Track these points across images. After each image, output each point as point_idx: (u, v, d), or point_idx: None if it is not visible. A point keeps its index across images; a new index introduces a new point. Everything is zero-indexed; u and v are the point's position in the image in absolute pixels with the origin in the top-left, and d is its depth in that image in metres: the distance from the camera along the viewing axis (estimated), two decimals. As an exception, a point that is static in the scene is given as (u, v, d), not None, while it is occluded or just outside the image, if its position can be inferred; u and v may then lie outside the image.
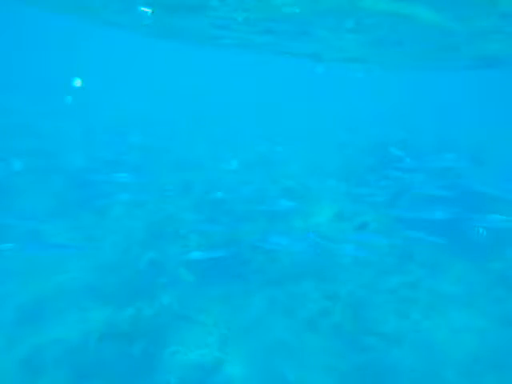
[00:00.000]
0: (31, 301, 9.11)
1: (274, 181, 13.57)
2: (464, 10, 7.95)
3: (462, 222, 10.49)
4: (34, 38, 52.70)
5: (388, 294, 9.76)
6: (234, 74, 60.88)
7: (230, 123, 24.76)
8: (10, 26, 46.14)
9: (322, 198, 12.63)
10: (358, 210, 11.90)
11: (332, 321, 8.94)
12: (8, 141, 14.48)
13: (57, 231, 11.41)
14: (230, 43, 15.57)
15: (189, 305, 9.18)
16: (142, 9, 11.08)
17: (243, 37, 13.57)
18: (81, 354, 7.93)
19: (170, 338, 8.43)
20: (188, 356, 8.09)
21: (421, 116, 27.76)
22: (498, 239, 10.90)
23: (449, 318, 9.20)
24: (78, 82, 24.81)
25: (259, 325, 8.90)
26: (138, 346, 8.06)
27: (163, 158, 16.76)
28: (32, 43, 56.74)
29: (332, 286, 9.71)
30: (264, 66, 40.38)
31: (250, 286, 9.90)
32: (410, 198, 12.61)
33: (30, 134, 15.78)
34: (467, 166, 12.46)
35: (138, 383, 7.66)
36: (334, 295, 9.46)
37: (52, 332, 8.33)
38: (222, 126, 23.74)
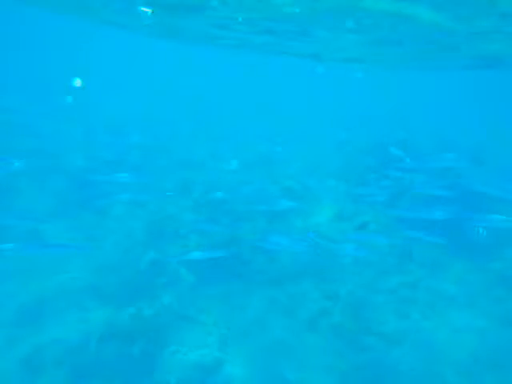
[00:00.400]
0: (31, 301, 9.11)
1: (274, 181, 13.55)
2: (464, 10, 7.95)
3: (462, 222, 10.50)
4: (34, 37, 52.68)
5: (388, 294, 9.76)
6: (234, 74, 60.87)
7: (230, 123, 24.76)
8: (10, 26, 46.14)
9: (321, 198, 12.62)
10: (358, 210, 11.89)
11: (332, 321, 8.94)
12: (8, 141, 14.47)
13: (57, 231, 11.41)
14: (230, 43, 15.57)
15: (189, 305, 9.18)
16: (142, 9, 11.09)
17: (243, 37, 13.58)
18: (81, 354, 7.93)
19: (170, 338, 8.43)
20: (188, 356, 8.09)
21: (421, 116, 27.76)
22: (498, 239, 10.91)
23: (449, 318, 9.20)
24: (78, 82, 24.83)
25: (259, 325, 8.90)
26: (138, 345, 8.06)
27: (163, 158, 16.75)
28: (32, 43, 56.72)
29: (332, 286, 9.71)
30: (264, 66, 40.38)
31: (250, 286, 9.90)
32: (410, 198, 12.61)
33: (30, 134, 15.77)
34: (467, 166, 12.47)
35: (137, 383, 7.67)
36: (334, 295, 9.46)
37: (52, 332, 8.32)
38: (222, 126, 23.73)
